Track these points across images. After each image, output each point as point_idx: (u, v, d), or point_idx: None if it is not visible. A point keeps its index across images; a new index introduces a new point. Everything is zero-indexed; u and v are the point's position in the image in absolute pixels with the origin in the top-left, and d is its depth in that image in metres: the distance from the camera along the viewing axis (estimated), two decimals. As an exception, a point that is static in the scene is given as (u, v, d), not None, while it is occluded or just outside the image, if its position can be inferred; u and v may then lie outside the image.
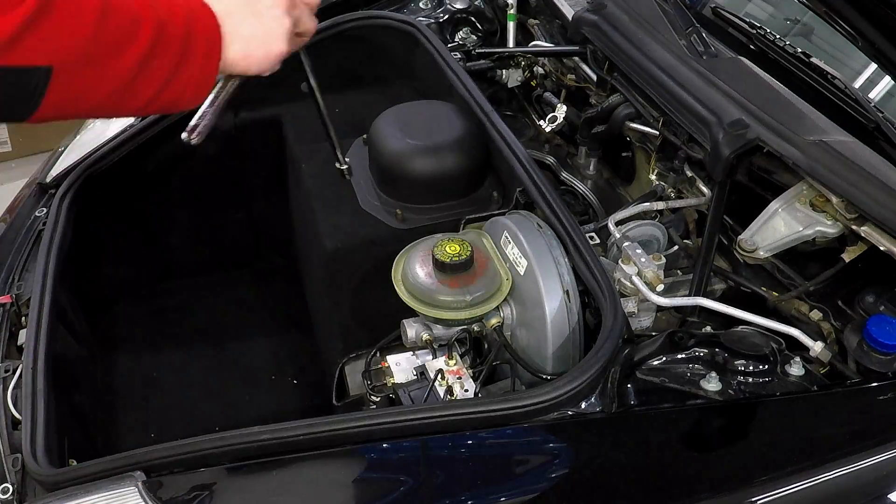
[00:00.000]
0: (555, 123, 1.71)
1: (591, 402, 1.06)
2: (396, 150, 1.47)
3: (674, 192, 1.52)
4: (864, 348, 1.14)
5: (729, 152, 1.28)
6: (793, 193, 1.29)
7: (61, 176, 1.56)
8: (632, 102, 1.56)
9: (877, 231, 1.18)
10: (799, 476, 1.00)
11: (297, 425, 1.02)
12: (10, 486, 1.02)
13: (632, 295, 1.30)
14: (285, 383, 1.72)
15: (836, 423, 1.09)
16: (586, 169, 1.78)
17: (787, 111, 1.33)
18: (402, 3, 2.07)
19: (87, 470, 0.99)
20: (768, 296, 1.31)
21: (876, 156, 1.27)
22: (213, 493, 0.97)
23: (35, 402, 1.12)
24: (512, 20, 1.99)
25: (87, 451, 1.29)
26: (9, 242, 1.46)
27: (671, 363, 1.14)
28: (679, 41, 1.52)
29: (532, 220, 1.30)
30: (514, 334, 1.29)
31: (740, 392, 1.11)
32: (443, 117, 1.53)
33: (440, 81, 1.69)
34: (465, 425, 1.03)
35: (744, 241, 1.30)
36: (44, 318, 1.26)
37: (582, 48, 1.71)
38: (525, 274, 1.23)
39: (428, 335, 1.27)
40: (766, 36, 1.68)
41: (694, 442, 1.07)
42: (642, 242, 1.38)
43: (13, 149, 3.42)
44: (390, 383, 1.28)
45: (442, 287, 1.23)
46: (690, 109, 1.36)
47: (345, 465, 1.04)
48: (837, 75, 1.52)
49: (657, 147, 1.54)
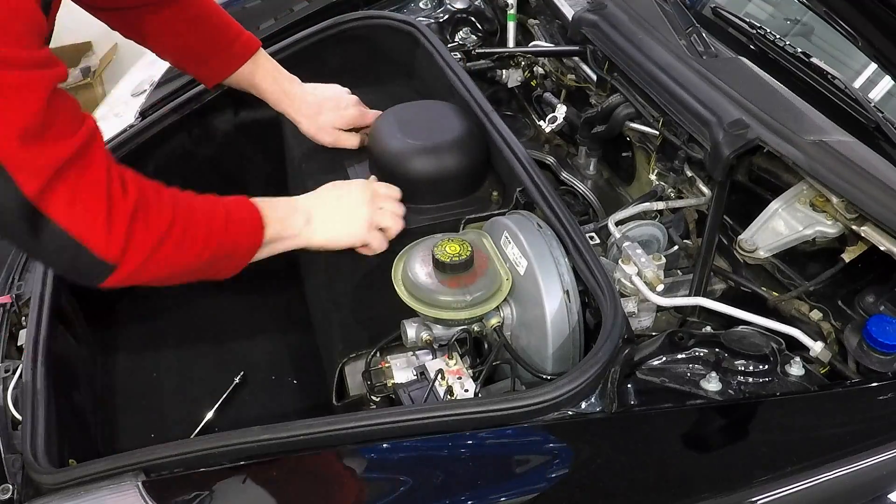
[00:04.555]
0: (555, 123, 1.71)
1: (591, 402, 1.06)
2: (396, 150, 1.47)
3: (674, 192, 1.52)
4: (864, 348, 1.14)
5: (729, 152, 1.28)
6: (793, 193, 1.29)
7: (61, 176, 1.55)
8: (632, 102, 1.56)
9: (877, 231, 1.18)
10: (799, 476, 1.00)
11: (297, 425, 1.02)
12: (10, 487, 1.02)
13: (632, 295, 1.30)
14: (285, 383, 1.72)
15: (836, 423, 1.10)
16: (586, 169, 1.78)
17: (787, 111, 1.33)
18: (402, 3, 2.07)
19: (87, 470, 0.99)
20: (768, 296, 1.31)
21: (876, 156, 1.28)
22: (213, 493, 0.97)
23: (35, 402, 1.12)
24: (512, 20, 1.99)
25: (87, 451, 1.29)
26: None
27: (671, 363, 1.14)
28: (679, 41, 1.52)
29: (532, 220, 1.30)
30: (514, 334, 1.29)
31: (740, 392, 1.11)
32: (443, 117, 1.53)
33: (440, 81, 1.69)
34: (465, 425, 1.04)
35: (744, 241, 1.30)
36: (44, 318, 1.26)
37: (582, 48, 1.71)
38: (525, 274, 1.24)
39: (428, 335, 1.27)
40: (766, 36, 1.69)
41: (694, 442, 1.07)
42: (642, 242, 1.38)
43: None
44: (390, 383, 1.28)
45: (442, 287, 1.23)
46: (690, 109, 1.36)
47: (345, 465, 1.04)
48: (837, 75, 1.52)
49: (657, 147, 1.54)
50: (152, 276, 1.12)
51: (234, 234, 1.20)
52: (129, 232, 1.06)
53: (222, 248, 1.18)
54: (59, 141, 0.98)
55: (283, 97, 1.56)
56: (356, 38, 1.83)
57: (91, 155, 1.03)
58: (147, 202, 1.09)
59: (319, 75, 1.64)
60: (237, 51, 1.52)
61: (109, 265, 1.06)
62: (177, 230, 1.11)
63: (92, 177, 1.03)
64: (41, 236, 1.00)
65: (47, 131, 0.97)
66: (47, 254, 1.06)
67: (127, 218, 1.06)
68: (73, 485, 0.98)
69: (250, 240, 1.22)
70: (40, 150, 0.96)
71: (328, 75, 1.65)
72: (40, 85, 0.96)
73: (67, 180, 0.99)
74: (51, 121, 0.97)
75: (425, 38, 1.77)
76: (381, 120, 1.54)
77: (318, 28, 1.79)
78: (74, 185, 1.00)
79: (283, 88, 1.56)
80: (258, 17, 1.90)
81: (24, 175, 0.95)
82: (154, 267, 1.10)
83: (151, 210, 1.09)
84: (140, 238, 1.07)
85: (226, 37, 1.50)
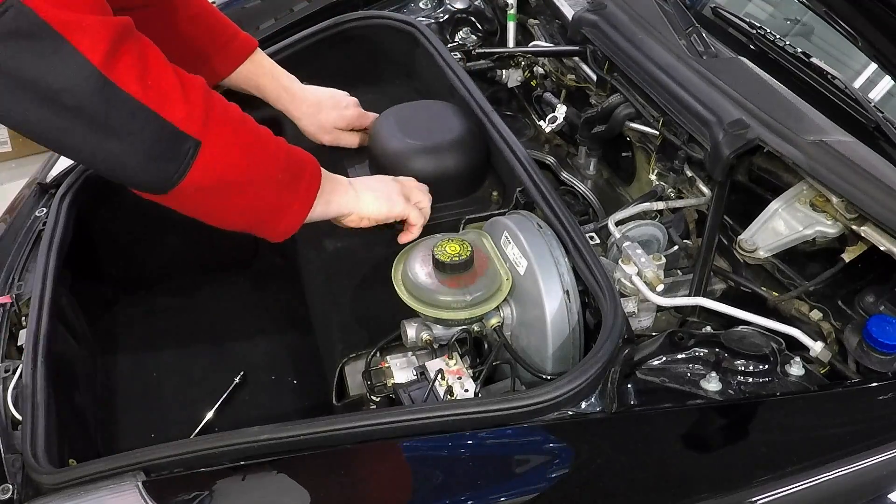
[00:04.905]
0: (555, 123, 1.71)
1: (591, 402, 1.06)
2: (396, 150, 1.47)
3: (674, 192, 1.52)
4: (864, 348, 1.14)
5: (729, 152, 1.28)
6: (793, 193, 1.29)
7: (61, 176, 1.55)
8: (632, 102, 1.56)
9: (877, 231, 1.18)
10: (799, 476, 1.00)
11: (297, 425, 1.02)
12: (10, 487, 1.02)
13: (632, 295, 1.30)
14: (285, 383, 1.72)
15: (836, 423, 1.10)
16: (586, 169, 1.78)
17: (787, 111, 1.33)
18: (402, 3, 2.07)
19: (87, 470, 0.99)
20: (768, 296, 1.31)
21: (876, 156, 1.28)
22: (213, 493, 0.97)
23: (35, 402, 1.11)
24: (512, 20, 1.99)
25: (87, 451, 1.29)
26: (9, 242, 1.46)
27: (671, 363, 1.14)
28: (679, 41, 1.52)
29: (532, 220, 1.30)
30: (514, 334, 1.29)
31: (740, 392, 1.11)
32: (443, 117, 1.53)
33: (440, 81, 1.69)
34: (465, 425, 1.03)
35: (744, 241, 1.30)
36: (44, 318, 1.26)
37: (582, 48, 1.71)
38: (525, 274, 1.24)
39: (428, 335, 1.27)
40: (766, 36, 1.69)
41: (694, 442, 1.07)
42: (642, 242, 1.38)
43: (13, 149, 3.43)
44: (390, 383, 1.28)
45: (442, 287, 1.23)
46: (690, 109, 1.36)
47: (345, 465, 1.04)
48: (837, 75, 1.52)
49: (657, 147, 1.53)
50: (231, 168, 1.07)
51: (298, 159, 1.19)
52: (206, 105, 1.03)
53: (289, 169, 1.16)
54: (109, 15, 0.97)
55: (282, 94, 1.56)
56: (356, 38, 1.83)
57: (143, 37, 1.01)
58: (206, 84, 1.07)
59: (319, 75, 1.64)
60: (235, 50, 1.52)
61: (195, 140, 1.02)
62: (249, 124, 1.11)
63: (153, 51, 1.01)
64: (118, 111, 0.96)
65: (96, 5, 0.95)
66: (125, 136, 0.98)
67: (202, 91, 1.04)
68: (73, 485, 0.98)
69: (311, 173, 1.20)
70: (96, 19, 0.94)
71: (328, 75, 1.66)
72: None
73: (132, 48, 0.97)
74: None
75: (425, 38, 1.77)
76: (381, 120, 1.54)
77: (318, 28, 1.79)
78: (140, 53, 0.98)
79: (282, 86, 1.56)
80: (258, 17, 1.90)
81: (86, 40, 0.92)
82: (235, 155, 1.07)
83: (212, 91, 1.07)
84: (218, 114, 1.05)
85: (223, 36, 1.50)
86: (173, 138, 1.00)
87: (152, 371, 1.71)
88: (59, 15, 0.91)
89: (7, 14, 0.89)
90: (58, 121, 0.95)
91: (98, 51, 0.93)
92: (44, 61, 0.91)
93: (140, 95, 0.97)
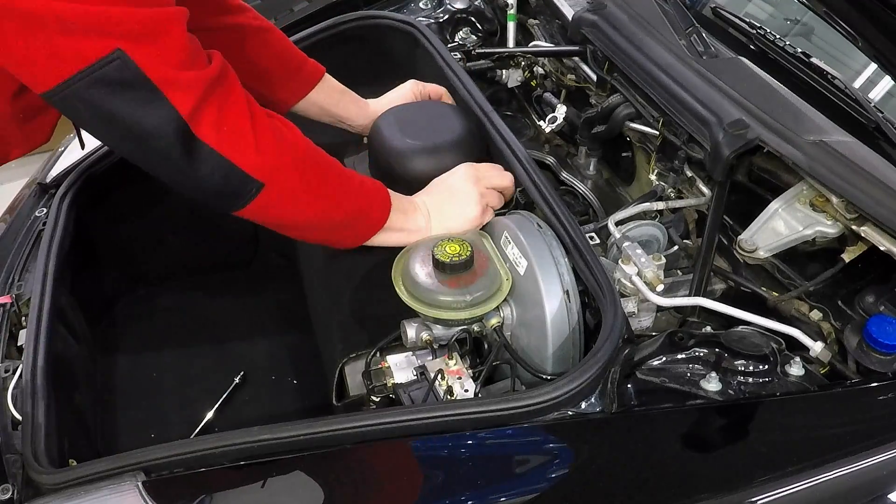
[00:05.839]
0: (555, 124, 1.71)
1: (591, 403, 1.06)
2: (396, 150, 1.47)
3: (674, 192, 1.52)
4: (864, 348, 1.14)
5: (729, 152, 1.28)
6: (793, 193, 1.29)
7: (61, 176, 1.56)
8: (632, 102, 1.56)
9: (877, 231, 1.18)
10: (799, 476, 1.00)
11: (297, 425, 1.02)
12: (10, 487, 1.01)
13: (632, 295, 1.30)
14: (285, 383, 1.72)
15: (836, 423, 1.09)
16: (586, 169, 1.78)
17: (787, 111, 1.33)
18: (402, 3, 2.07)
19: (87, 470, 0.99)
20: (768, 296, 1.31)
21: (876, 156, 1.28)
22: (213, 493, 0.97)
23: (35, 402, 1.11)
24: (512, 20, 1.99)
25: (87, 451, 1.29)
26: (9, 242, 1.46)
27: (671, 363, 1.14)
28: (679, 41, 1.52)
29: (532, 220, 1.30)
30: (514, 334, 1.29)
31: (740, 392, 1.11)
32: (443, 117, 1.53)
33: (440, 81, 1.69)
34: (465, 425, 1.03)
35: (744, 241, 1.30)
36: (44, 318, 1.26)
37: (582, 48, 1.71)
38: (525, 274, 1.24)
39: (428, 335, 1.27)
40: (766, 36, 1.69)
41: (694, 442, 1.07)
42: (642, 242, 1.38)
43: (13, 149, 3.41)
44: (390, 383, 1.28)
45: (442, 287, 1.23)
46: (690, 109, 1.36)
47: (345, 465, 1.04)
48: (837, 75, 1.52)
49: (657, 147, 1.53)
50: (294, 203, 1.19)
51: (362, 202, 1.28)
52: (277, 151, 1.13)
53: (350, 212, 1.27)
54: (202, 65, 1.06)
55: (358, 114, 1.61)
56: (356, 38, 1.83)
57: (230, 79, 1.10)
58: (282, 127, 1.17)
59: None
60: (307, 75, 1.55)
61: (259, 183, 1.12)
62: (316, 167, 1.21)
63: (234, 98, 1.10)
64: (195, 157, 1.06)
65: (192, 58, 1.05)
66: (199, 177, 1.09)
67: (272, 137, 1.13)
68: (73, 485, 0.98)
69: (380, 205, 1.29)
70: (189, 72, 1.03)
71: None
72: (181, 17, 1.03)
73: (214, 101, 1.06)
74: (194, 48, 1.06)
75: (425, 38, 1.77)
76: (381, 120, 1.54)
77: (318, 28, 1.79)
78: (220, 105, 1.07)
79: (358, 106, 1.61)
80: (258, 17, 1.90)
81: (178, 95, 1.02)
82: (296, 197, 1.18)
83: (286, 134, 1.17)
84: (287, 162, 1.15)
85: (293, 62, 1.53)
86: (240, 181, 1.12)
87: (152, 371, 1.71)
88: (160, 70, 1.01)
89: (113, 64, 0.98)
90: (142, 153, 1.09)
91: (187, 104, 1.03)
92: (140, 109, 1.02)
93: (215, 144, 1.07)
